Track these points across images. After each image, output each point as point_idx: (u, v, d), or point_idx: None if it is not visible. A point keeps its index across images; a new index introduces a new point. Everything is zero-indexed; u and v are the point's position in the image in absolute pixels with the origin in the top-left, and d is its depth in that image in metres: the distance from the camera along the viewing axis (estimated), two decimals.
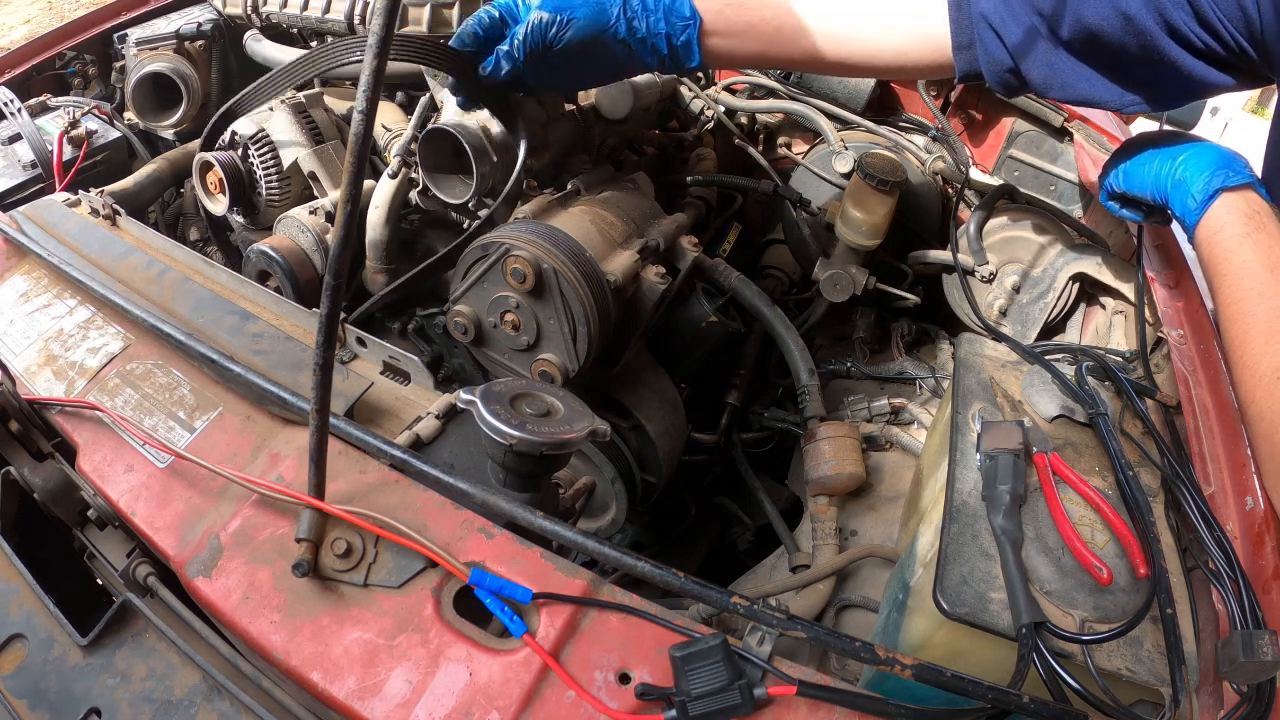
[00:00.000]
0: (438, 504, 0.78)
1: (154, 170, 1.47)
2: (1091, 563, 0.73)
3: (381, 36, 0.54)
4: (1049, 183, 1.57)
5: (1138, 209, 1.01)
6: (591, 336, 1.00)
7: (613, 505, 1.21)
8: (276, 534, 0.78)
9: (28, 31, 4.88)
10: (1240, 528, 0.79)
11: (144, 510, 0.84)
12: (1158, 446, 0.87)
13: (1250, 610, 0.69)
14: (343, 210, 0.59)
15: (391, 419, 0.92)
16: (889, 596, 0.95)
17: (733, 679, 0.63)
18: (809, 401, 1.19)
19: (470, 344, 1.09)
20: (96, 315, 1.03)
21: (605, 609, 0.71)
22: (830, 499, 1.12)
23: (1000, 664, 0.72)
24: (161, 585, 0.81)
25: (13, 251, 1.13)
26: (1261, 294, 0.79)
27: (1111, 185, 1.02)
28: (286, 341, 0.97)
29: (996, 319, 1.40)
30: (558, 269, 0.98)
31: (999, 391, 0.92)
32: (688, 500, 1.47)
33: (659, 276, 1.14)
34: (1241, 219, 0.83)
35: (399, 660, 0.69)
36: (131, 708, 0.73)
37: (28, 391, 0.95)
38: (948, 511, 0.80)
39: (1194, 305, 1.04)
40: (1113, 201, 1.02)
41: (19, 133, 1.41)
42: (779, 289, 1.61)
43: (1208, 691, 0.71)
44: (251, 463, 0.85)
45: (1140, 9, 0.84)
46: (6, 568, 0.83)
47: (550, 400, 0.80)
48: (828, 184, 1.50)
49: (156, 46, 1.58)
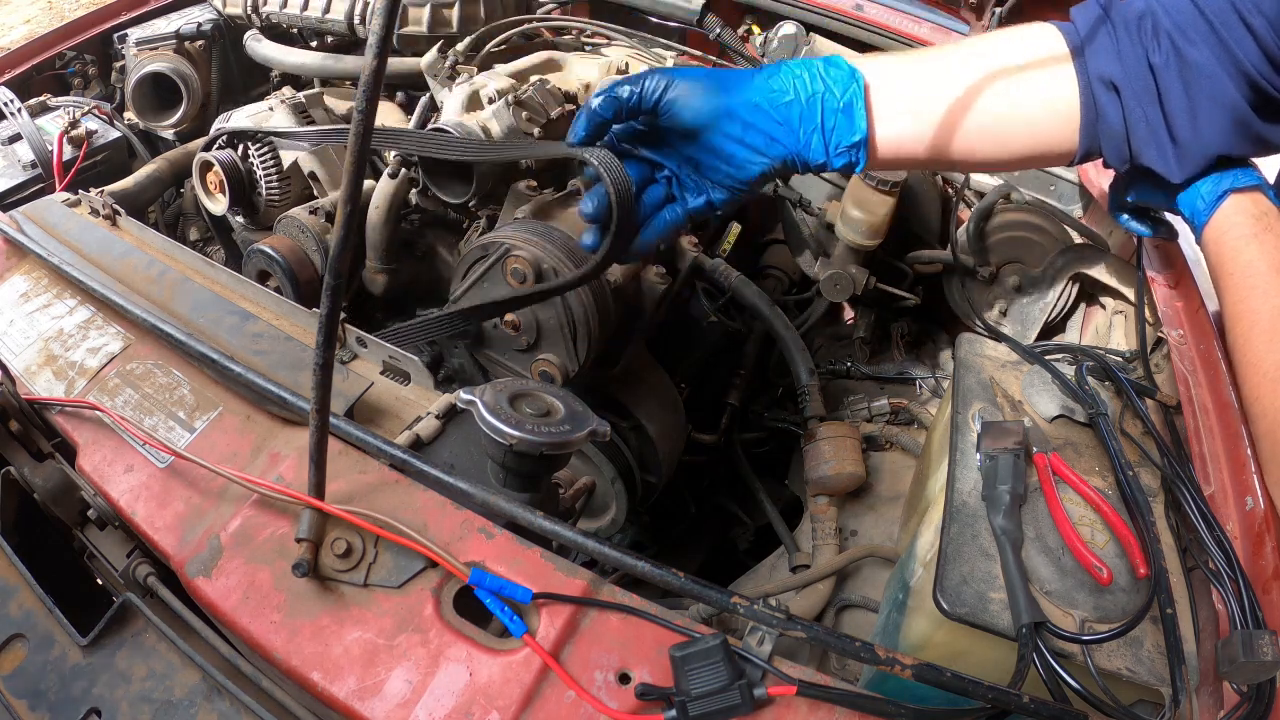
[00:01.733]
0: (438, 504, 0.78)
1: (154, 170, 1.47)
2: (1091, 563, 0.73)
3: (382, 36, 0.54)
4: (1049, 183, 1.57)
5: (1145, 220, 1.01)
6: (591, 336, 1.00)
7: (613, 505, 1.21)
8: (276, 534, 0.78)
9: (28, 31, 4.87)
10: (1240, 528, 0.79)
11: (144, 510, 0.84)
12: (1158, 446, 0.87)
13: (1250, 610, 0.69)
14: (343, 210, 0.59)
15: (391, 419, 0.92)
16: (889, 596, 0.95)
17: (733, 679, 0.63)
18: (809, 401, 1.19)
19: (470, 344, 1.09)
20: (96, 315, 1.03)
21: (605, 609, 0.71)
22: (830, 499, 1.12)
23: (1000, 664, 0.72)
24: (161, 585, 0.81)
25: (13, 251, 1.13)
26: (1266, 293, 0.79)
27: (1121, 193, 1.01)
28: (286, 341, 0.97)
29: (996, 319, 1.40)
30: (558, 269, 0.98)
31: (999, 391, 0.92)
32: (688, 500, 1.47)
33: (659, 276, 1.14)
34: (1249, 220, 0.83)
35: (399, 660, 0.69)
36: (131, 708, 0.73)
37: (28, 391, 0.94)
38: (948, 511, 0.80)
39: (1194, 305, 1.03)
40: (1121, 212, 1.01)
41: (19, 133, 1.41)
42: (779, 289, 1.61)
43: (1208, 691, 0.71)
44: (251, 463, 0.85)
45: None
46: (6, 568, 0.83)
47: (550, 400, 0.80)
48: (828, 184, 1.50)
49: (156, 46, 1.58)
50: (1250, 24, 0.80)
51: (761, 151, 0.84)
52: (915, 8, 1.60)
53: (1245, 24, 0.80)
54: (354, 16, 1.50)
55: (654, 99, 0.82)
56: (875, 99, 0.87)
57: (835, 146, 0.86)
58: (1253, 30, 0.80)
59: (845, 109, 0.85)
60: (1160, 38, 0.84)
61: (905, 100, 0.89)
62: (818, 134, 0.85)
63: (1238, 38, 0.81)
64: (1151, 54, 0.84)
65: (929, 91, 0.90)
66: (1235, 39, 0.81)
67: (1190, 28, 0.83)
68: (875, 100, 0.87)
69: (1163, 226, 1.01)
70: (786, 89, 0.84)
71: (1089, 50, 0.88)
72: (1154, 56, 0.84)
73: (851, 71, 0.86)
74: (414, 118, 1.35)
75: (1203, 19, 0.83)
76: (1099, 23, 0.88)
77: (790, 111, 0.84)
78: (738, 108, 0.83)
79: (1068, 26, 0.90)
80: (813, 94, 0.85)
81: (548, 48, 1.53)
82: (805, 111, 0.84)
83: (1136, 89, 0.85)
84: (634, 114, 0.83)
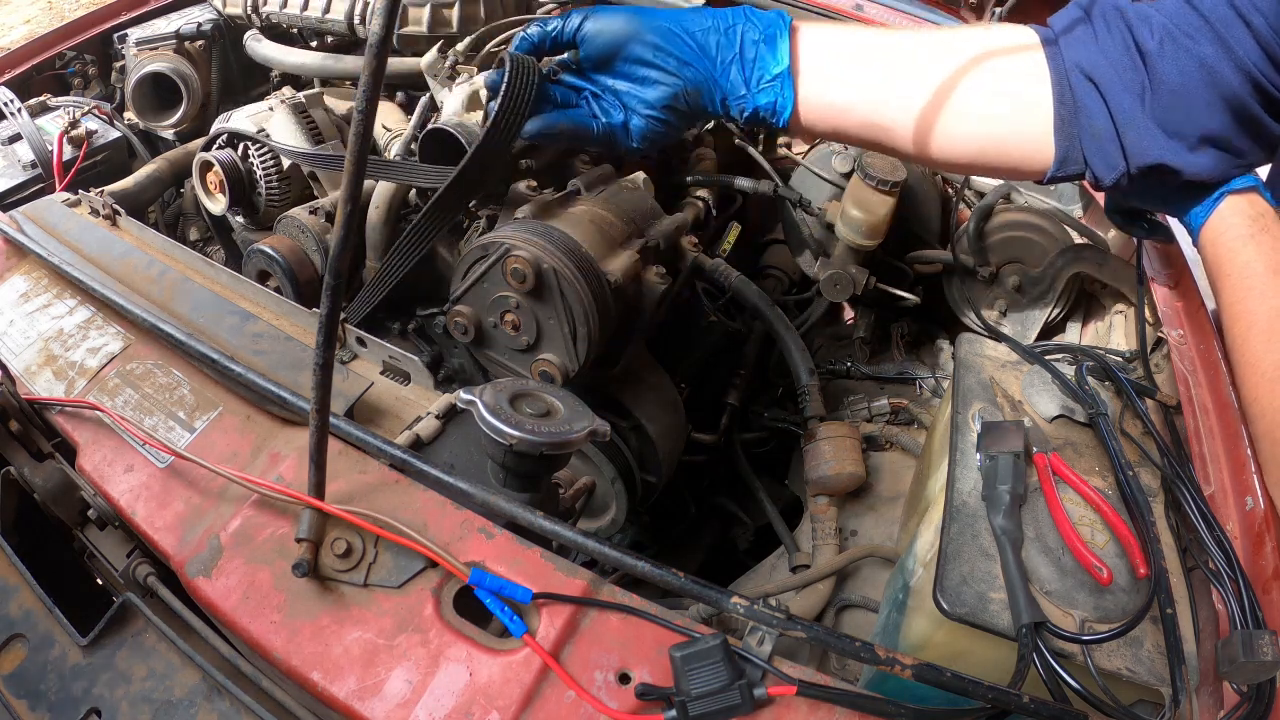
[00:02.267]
0: (438, 504, 0.78)
1: (154, 170, 1.47)
2: (1091, 563, 0.73)
3: (382, 36, 0.54)
4: None
5: (1140, 222, 1.00)
6: (591, 336, 1.00)
7: (613, 505, 1.21)
8: (276, 534, 0.78)
9: (28, 31, 4.87)
10: (1240, 528, 0.79)
11: (144, 510, 0.84)
12: (1158, 446, 0.87)
13: (1250, 610, 0.69)
14: (343, 210, 0.59)
15: (391, 419, 0.92)
16: (889, 596, 0.95)
17: (733, 679, 0.63)
18: (809, 401, 1.19)
19: (470, 344, 1.08)
20: (96, 315, 1.03)
21: (605, 609, 0.71)
22: (830, 499, 1.12)
23: (1000, 664, 0.72)
24: (161, 585, 0.81)
25: (13, 251, 1.13)
26: (1264, 294, 0.79)
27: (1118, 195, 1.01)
28: (286, 341, 0.97)
29: (996, 319, 1.40)
30: (557, 269, 0.98)
31: (999, 391, 0.92)
32: (688, 500, 1.47)
33: (659, 276, 1.14)
34: (1246, 221, 0.83)
35: (399, 660, 0.69)
36: (131, 708, 0.73)
37: (28, 391, 0.94)
38: (948, 511, 0.80)
39: (1194, 305, 1.04)
40: (1117, 215, 1.01)
41: (19, 133, 1.41)
42: (779, 289, 1.61)
43: (1208, 691, 0.71)
44: (251, 463, 0.85)
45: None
46: (6, 568, 0.83)
47: (550, 400, 0.80)
48: (828, 184, 1.50)
49: (156, 46, 1.58)
50: (1249, 22, 0.79)
51: (672, 73, 0.86)
52: (915, 8, 1.60)
53: (1244, 21, 0.79)
54: (354, 16, 1.50)
55: (573, 30, 0.87)
56: (805, 48, 0.86)
57: (757, 80, 0.85)
58: (1252, 28, 0.79)
59: (768, 40, 0.85)
60: (1153, 26, 0.81)
61: (840, 60, 0.87)
62: (736, 63, 0.85)
63: (1237, 36, 0.79)
64: (1144, 40, 0.80)
65: (870, 57, 0.88)
66: (1234, 37, 0.79)
67: (1188, 25, 0.81)
68: (805, 50, 0.86)
69: (1160, 230, 1.01)
70: (704, 20, 0.86)
71: (1064, 39, 0.84)
72: (1147, 42, 0.80)
73: (779, 14, 0.87)
74: (414, 118, 1.34)
75: (1199, 16, 0.81)
76: (1078, 20, 0.85)
77: (706, 39, 0.85)
78: (649, 32, 0.85)
79: (1042, 28, 0.87)
80: (732, 25, 0.86)
81: None
82: (723, 40, 0.86)
83: (1123, 78, 0.81)
84: (558, 47, 0.88)
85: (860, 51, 0.89)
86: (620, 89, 0.89)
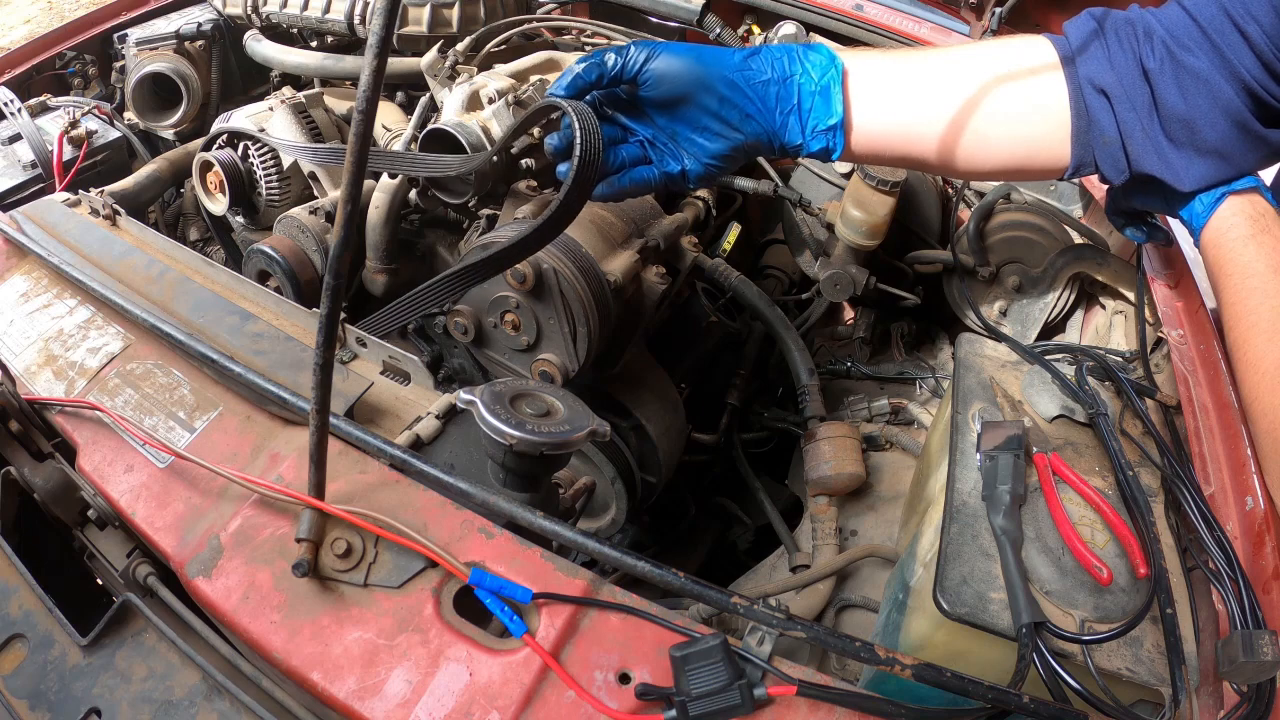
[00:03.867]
0: (438, 504, 0.78)
1: (154, 170, 1.47)
2: (1091, 563, 0.73)
3: (382, 36, 0.54)
4: (1049, 183, 1.57)
5: (1141, 225, 1.01)
6: (591, 336, 1.00)
7: (613, 505, 1.21)
8: (276, 534, 0.78)
9: (28, 31, 4.87)
10: (1240, 528, 0.79)
11: (144, 510, 0.84)
12: (1158, 446, 0.87)
13: (1250, 610, 0.69)
14: (343, 210, 0.59)
15: (391, 419, 0.92)
16: (889, 596, 0.95)
17: (733, 679, 0.63)
18: (809, 401, 1.19)
19: (470, 344, 1.09)
20: (96, 315, 1.03)
21: (605, 609, 0.71)
22: (830, 499, 1.12)
23: (1000, 664, 0.72)
24: (161, 585, 0.81)
25: (13, 251, 1.13)
26: (1265, 293, 0.79)
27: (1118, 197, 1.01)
28: (286, 341, 0.97)
29: (996, 319, 1.40)
30: (557, 269, 0.98)
31: (999, 391, 0.92)
32: (688, 500, 1.47)
33: (659, 276, 1.14)
34: (1247, 221, 0.83)
35: (399, 660, 0.69)
36: (131, 708, 0.73)
37: (28, 391, 0.94)
38: (948, 511, 0.80)
39: (1194, 305, 1.04)
40: (1118, 217, 1.01)
41: (19, 133, 1.41)
42: (779, 289, 1.61)
43: (1208, 691, 0.71)
44: (251, 463, 0.85)
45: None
46: (6, 568, 0.83)
47: (550, 400, 0.80)
48: (828, 184, 1.50)
49: (156, 46, 1.58)
50: (1245, 31, 0.80)
51: (735, 127, 0.86)
52: (915, 8, 1.60)
53: (1240, 31, 0.80)
54: (354, 16, 1.50)
55: (635, 68, 0.84)
56: (854, 89, 0.88)
57: (812, 129, 0.87)
58: (1248, 38, 0.80)
59: (822, 92, 0.87)
60: (1155, 43, 0.84)
61: (884, 94, 0.89)
62: (794, 114, 0.87)
63: (1233, 45, 0.81)
64: (1146, 59, 0.84)
65: (910, 88, 0.90)
66: (1230, 46, 0.81)
67: (1185, 36, 0.83)
68: (854, 90, 0.88)
69: (1159, 233, 1.01)
70: (764, 69, 0.86)
71: (1080, 58, 0.88)
72: (1148, 62, 0.84)
73: (831, 58, 0.88)
74: (414, 118, 1.34)
75: (1197, 27, 0.83)
76: (1092, 35, 0.88)
77: (766, 90, 0.86)
78: (715, 83, 0.85)
79: (1059, 39, 0.90)
80: (789, 75, 0.87)
81: (548, 48, 1.53)
82: (782, 91, 0.86)
83: (1130, 95, 0.85)
84: (616, 81, 0.85)
85: (902, 82, 0.91)
86: (679, 133, 0.88)
